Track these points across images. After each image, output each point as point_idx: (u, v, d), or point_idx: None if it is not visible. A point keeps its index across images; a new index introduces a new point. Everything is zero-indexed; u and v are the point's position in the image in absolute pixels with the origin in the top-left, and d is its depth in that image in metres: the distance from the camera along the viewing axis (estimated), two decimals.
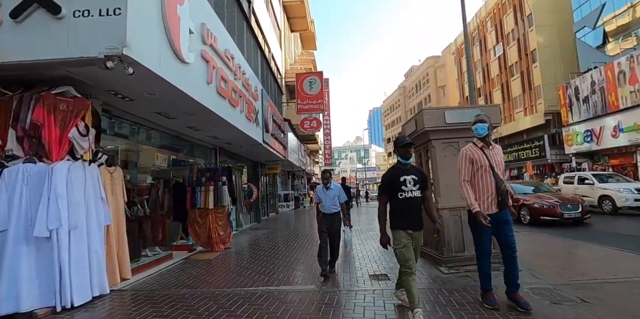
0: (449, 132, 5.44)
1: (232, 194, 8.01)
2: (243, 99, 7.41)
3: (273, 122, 11.01)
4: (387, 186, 3.34)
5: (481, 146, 3.64)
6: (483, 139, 3.66)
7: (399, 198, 3.27)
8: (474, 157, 3.57)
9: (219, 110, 5.83)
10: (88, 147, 3.70)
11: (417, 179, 3.32)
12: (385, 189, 3.36)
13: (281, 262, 6.20)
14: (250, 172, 14.22)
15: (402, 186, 3.26)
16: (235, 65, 6.79)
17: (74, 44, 3.18)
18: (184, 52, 4.34)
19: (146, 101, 4.76)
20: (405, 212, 3.30)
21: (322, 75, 15.48)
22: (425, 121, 5.35)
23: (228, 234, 7.87)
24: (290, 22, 24.39)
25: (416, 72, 56.09)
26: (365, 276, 5.00)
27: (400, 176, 3.29)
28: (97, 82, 3.92)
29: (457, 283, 4.44)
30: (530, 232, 8.33)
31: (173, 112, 5.58)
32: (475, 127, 3.68)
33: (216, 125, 6.71)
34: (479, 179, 3.54)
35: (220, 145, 9.48)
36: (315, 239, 8.52)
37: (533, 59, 27.33)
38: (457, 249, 5.31)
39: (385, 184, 3.35)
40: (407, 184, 3.27)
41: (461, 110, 5.48)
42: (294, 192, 24.13)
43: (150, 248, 6.60)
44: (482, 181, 3.51)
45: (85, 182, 3.66)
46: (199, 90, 4.97)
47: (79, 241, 3.50)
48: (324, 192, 5.34)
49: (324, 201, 5.30)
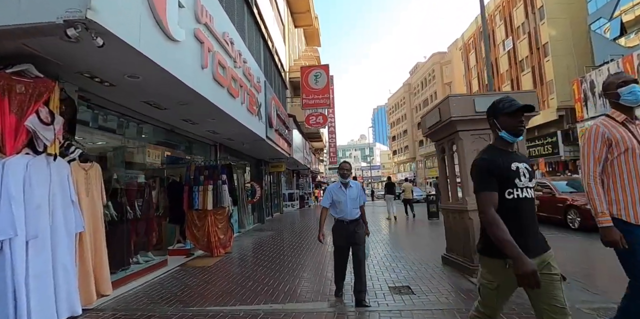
0: (479, 123, 4.72)
1: (232, 194, 7.35)
2: (244, 90, 6.75)
3: (277, 117, 10.34)
4: (491, 176, 1.86)
5: (623, 119, 2.33)
6: (629, 110, 2.35)
7: (507, 199, 1.87)
8: (614, 137, 2.28)
9: (216, 99, 5.17)
10: (53, 139, 3.05)
11: (530, 170, 1.97)
12: (488, 182, 1.86)
13: (287, 270, 5.54)
14: (253, 171, 13.57)
15: (515, 179, 1.88)
16: (235, 52, 6.12)
17: (27, 7, 2.53)
18: (171, 27, 3.67)
19: (130, 86, 4.09)
20: (517, 224, 1.84)
21: (328, 68, 14.76)
22: (452, 109, 4.65)
23: (229, 238, 7.22)
24: (294, 17, 23.77)
25: (421, 68, 55.18)
26: (385, 289, 4.32)
27: (510, 161, 1.90)
28: (65, 61, 3.27)
29: None
30: (584, 238, 7.32)
31: (163, 102, 4.91)
32: (625, 91, 2.31)
33: (214, 117, 6.04)
34: (621, 169, 2.27)
35: (221, 141, 8.82)
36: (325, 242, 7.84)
37: (545, 53, 26.44)
38: None
39: (488, 173, 1.87)
40: (521, 176, 1.89)
41: (494, 96, 4.74)
42: (298, 191, 23.49)
43: (142, 253, 5.96)
44: (628, 172, 2.25)
45: (51, 181, 3.01)
46: (191, 74, 4.30)
47: (41, 253, 2.85)
48: (341, 192, 4.05)
49: (343, 204, 4.00)
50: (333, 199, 4.07)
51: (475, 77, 37.90)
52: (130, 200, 5.78)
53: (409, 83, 61.15)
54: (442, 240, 5.65)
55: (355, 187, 4.10)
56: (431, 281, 4.51)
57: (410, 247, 7.01)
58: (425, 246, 7.13)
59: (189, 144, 8.06)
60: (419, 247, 7.00)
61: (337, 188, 4.10)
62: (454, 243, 5.20)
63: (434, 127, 5.16)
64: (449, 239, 5.39)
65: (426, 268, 5.21)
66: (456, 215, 5.05)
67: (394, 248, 7.01)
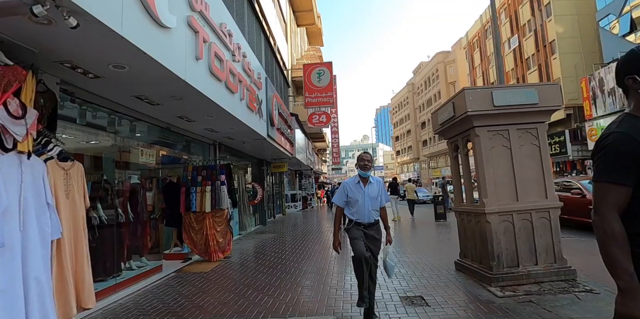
0: (497, 118, 4.37)
1: (232, 196, 7.00)
2: (244, 86, 6.40)
3: (279, 115, 9.98)
4: (628, 161, 1.22)
5: None
6: None
7: None
8: None
9: (212, 94, 4.82)
10: (25, 135, 2.70)
11: None
12: (620, 170, 1.23)
13: (289, 276, 5.17)
14: (255, 171, 13.22)
15: None
16: (233, 45, 5.77)
17: None
18: (160, 12, 3.33)
19: (116, 78, 3.74)
20: None
21: (331, 66, 14.35)
22: (468, 103, 4.28)
23: (228, 241, 6.86)
24: (296, 15, 23.43)
25: (425, 68, 54.68)
26: (396, 299, 3.95)
27: None
28: (40, 48, 2.93)
29: (521, 311, 3.36)
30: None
31: (155, 96, 4.56)
32: None
33: (211, 114, 5.69)
34: None
35: (220, 140, 8.47)
36: (327, 244, 7.50)
37: (552, 51, 25.94)
38: (509, 264, 4.24)
39: (624, 156, 1.22)
40: None
41: (513, 89, 4.40)
42: (301, 192, 23.12)
43: (135, 258, 5.62)
44: None
45: (22, 182, 2.67)
46: (184, 66, 3.95)
47: (9, 264, 2.50)
48: (359, 189, 3.40)
49: (360, 204, 3.37)
50: (348, 196, 3.42)
51: (480, 76, 37.41)
52: (123, 202, 5.45)
53: (412, 83, 60.62)
54: (453, 244, 5.28)
55: (376, 184, 3.45)
56: (446, 291, 4.13)
57: (420, 251, 6.63)
58: (436, 250, 6.75)
59: (187, 143, 7.71)
60: (429, 251, 6.61)
61: (354, 184, 3.43)
62: (468, 248, 4.82)
63: (446, 123, 4.79)
64: (462, 244, 5.01)
65: (439, 275, 4.83)
66: (471, 218, 4.68)
67: (403, 252, 6.63)
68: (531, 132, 4.47)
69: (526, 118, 4.42)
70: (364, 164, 3.41)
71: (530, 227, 4.31)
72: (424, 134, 52.95)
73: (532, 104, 4.33)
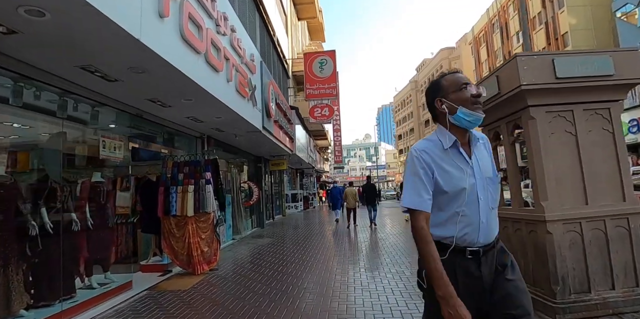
0: (560, 94, 3.30)
1: (218, 196, 5.94)
2: (231, 64, 5.35)
3: (277, 106, 8.93)
4: None
5: None
6: None
7: None
8: None
9: (186, 68, 3.77)
10: None
11: None
12: None
13: (285, 297, 4.11)
14: (251, 169, 12.17)
15: None
16: (217, 12, 4.72)
17: None
18: None
19: (36, 33, 2.69)
20: None
21: (334, 55, 13.27)
22: (522, 73, 3.20)
23: (214, 251, 5.81)
24: (297, 8, 22.42)
25: (429, 65, 53.56)
26: None
27: None
28: None
29: None
30: None
31: (107, 67, 3.50)
32: None
33: (189, 97, 4.64)
34: None
35: (209, 132, 7.41)
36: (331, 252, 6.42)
37: (564, 44, 24.79)
38: (579, 289, 3.18)
39: None
40: None
41: (580, 56, 3.32)
42: (302, 191, 22.07)
43: (98, 275, 4.58)
44: None
45: None
46: (139, 21, 2.90)
47: None
48: (460, 159, 1.49)
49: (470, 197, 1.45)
50: (438, 183, 1.46)
51: (487, 71, 36.28)
52: (81, 205, 4.42)
53: (415, 80, 59.48)
54: None
55: (484, 146, 1.59)
56: None
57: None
58: None
59: (169, 136, 6.66)
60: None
61: (443, 151, 1.49)
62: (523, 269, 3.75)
63: (489, 103, 3.71)
64: None
65: None
66: (521, 227, 3.60)
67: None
68: (602, 113, 3.40)
69: (596, 95, 3.36)
70: (476, 100, 1.47)
71: (604, 239, 3.24)
72: (427, 132, 51.86)
73: (605, 76, 3.27)
